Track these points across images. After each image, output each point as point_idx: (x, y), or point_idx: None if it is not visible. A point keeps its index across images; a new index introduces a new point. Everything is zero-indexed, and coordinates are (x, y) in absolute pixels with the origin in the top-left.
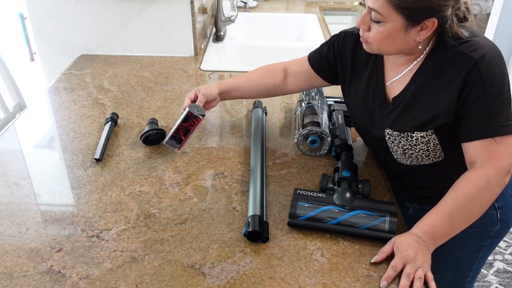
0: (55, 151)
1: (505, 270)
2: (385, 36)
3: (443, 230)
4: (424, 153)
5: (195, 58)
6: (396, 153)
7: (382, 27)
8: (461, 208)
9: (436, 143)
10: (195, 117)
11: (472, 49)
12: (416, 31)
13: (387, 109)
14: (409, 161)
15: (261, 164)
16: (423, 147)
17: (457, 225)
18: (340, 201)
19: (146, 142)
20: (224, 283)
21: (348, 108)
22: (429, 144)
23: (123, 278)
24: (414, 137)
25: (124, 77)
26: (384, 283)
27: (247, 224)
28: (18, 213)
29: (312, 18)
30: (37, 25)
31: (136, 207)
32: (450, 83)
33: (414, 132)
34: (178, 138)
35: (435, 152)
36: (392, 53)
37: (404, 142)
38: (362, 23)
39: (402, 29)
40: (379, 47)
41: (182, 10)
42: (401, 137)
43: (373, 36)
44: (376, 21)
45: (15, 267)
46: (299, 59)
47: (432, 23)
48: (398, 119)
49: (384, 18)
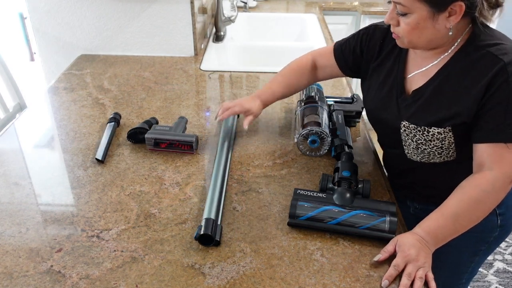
0: (55, 151)
1: (505, 270)
2: (413, 27)
3: (446, 232)
4: (438, 150)
5: (195, 58)
6: (408, 148)
7: (409, 19)
8: (466, 210)
9: (451, 142)
10: (192, 147)
11: (503, 52)
12: (444, 18)
13: (405, 101)
14: (420, 157)
15: (224, 168)
16: (438, 144)
17: (460, 227)
18: (340, 201)
19: (132, 140)
20: (224, 283)
21: (365, 100)
22: (444, 142)
23: (123, 278)
24: (430, 132)
25: (124, 77)
26: (385, 282)
27: (199, 227)
28: (18, 213)
29: (312, 18)
30: (37, 25)
31: (136, 207)
32: (476, 83)
33: (431, 127)
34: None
35: (448, 151)
36: (423, 44)
37: (420, 136)
38: (391, 19)
39: (429, 17)
40: (409, 39)
41: (182, 10)
42: (417, 131)
43: (403, 29)
44: (402, 14)
45: (15, 267)
46: (324, 50)
47: (459, 7)
48: (417, 112)
49: (409, 10)
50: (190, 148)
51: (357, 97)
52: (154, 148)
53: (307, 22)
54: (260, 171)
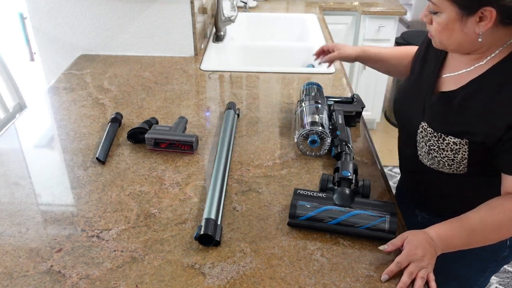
0: (55, 151)
1: (505, 270)
2: (443, 27)
3: (458, 242)
4: (448, 161)
5: (195, 58)
6: (421, 150)
7: (440, 18)
8: (485, 230)
9: (465, 157)
10: (192, 147)
11: None
12: (474, 22)
13: (431, 101)
14: (429, 163)
15: (224, 168)
16: (450, 155)
17: (473, 243)
18: (340, 201)
19: (132, 140)
20: (224, 283)
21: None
22: (457, 155)
23: (123, 278)
24: (446, 140)
25: (124, 77)
26: (385, 276)
27: (199, 227)
28: (18, 213)
29: (312, 18)
30: (37, 25)
31: (136, 207)
32: (507, 106)
33: (448, 135)
34: (158, 144)
35: (459, 165)
36: (453, 47)
37: (434, 142)
38: (424, 16)
39: (458, 19)
40: (440, 40)
41: (182, 10)
42: (433, 136)
43: (434, 28)
44: (434, 12)
45: (15, 267)
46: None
47: (490, 12)
48: (438, 116)
49: (439, 8)
50: (190, 148)
51: (357, 97)
52: (154, 148)
53: (307, 22)
54: (260, 171)
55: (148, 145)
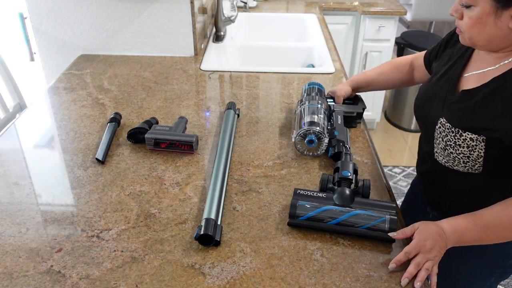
0: (55, 151)
1: None
2: (475, 22)
3: (470, 237)
4: (464, 158)
5: (195, 58)
6: (437, 146)
7: (472, 12)
8: (498, 227)
9: (481, 155)
10: (192, 147)
11: None
12: (508, 16)
13: (452, 98)
14: (445, 160)
15: (224, 168)
16: (466, 152)
17: (485, 238)
18: (340, 201)
19: (132, 140)
20: (224, 283)
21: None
22: (473, 152)
23: (123, 278)
24: (463, 136)
25: (124, 77)
26: (392, 265)
27: (199, 227)
28: (18, 213)
29: (312, 18)
30: (37, 25)
31: (136, 207)
32: None
33: (466, 131)
34: (158, 144)
35: (474, 163)
36: (483, 42)
37: (451, 137)
38: (455, 11)
39: (492, 12)
40: (470, 35)
41: (182, 10)
42: (450, 131)
43: (465, 23)
44: (466, 6)
45: (15, 267)
46: (422, 52)
47: None
48: (458, 112)
49: (473, 1)
50: (190, 148)
51: (359, 98)
52: (154, 148)
53: (307, 22)
54: (260, 171)
55: (148, 145)
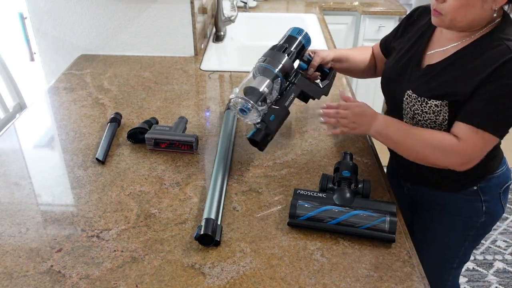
0: (55, 151)
1: (505, 270)
2: (463, 4)
3: (393, 133)
4: (431, 123)
5: (195, 58)
6: (406, 116)
7: None
8: (419, 140)
9: (445, 118)
10: (192, 147)
11: None
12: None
13: (417, 73)
14: None
15: (224, 168)
16: (432, 117)
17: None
18: (340, 201)
19: (132, 140)
20: (224, 283)
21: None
22: (438, 117)
23: (123, 278)
24: (428, 104)
25: (124, 77)
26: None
27: (199, 227)
28: (18, 213)
29: (312, 18)
30: (37, 25)
31: (136, 207)
32: (482, 68)
33: (431, 99)
34: (158, 144)
35: (440, 127)
36: (464, 24)
37: (418, 106)
38: None
39: None
40: (453, 17)
41: (182, 10)
42: (417, 101)
43: (450, 5)
44: None
45: (15, 267)
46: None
47: None
48: (423, 84)
49: None
50: (190, 148)
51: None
52: (154, 148)
53: (307, 22)
54: (260, 171)
55: (148, 145)
